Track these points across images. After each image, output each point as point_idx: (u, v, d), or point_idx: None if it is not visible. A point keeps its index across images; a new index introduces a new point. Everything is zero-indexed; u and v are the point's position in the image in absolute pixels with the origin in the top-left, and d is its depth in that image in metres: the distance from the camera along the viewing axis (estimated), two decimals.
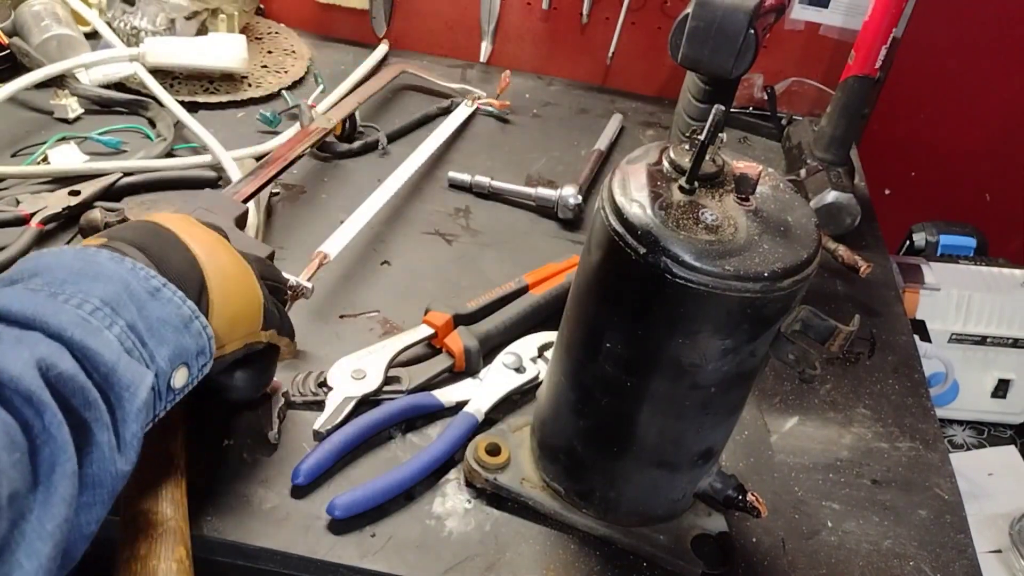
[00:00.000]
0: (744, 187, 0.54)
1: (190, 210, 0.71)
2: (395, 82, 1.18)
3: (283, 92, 1.12)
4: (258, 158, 1.01)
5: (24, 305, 0.44)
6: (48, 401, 0.41)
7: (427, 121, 1.14)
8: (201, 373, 0.53)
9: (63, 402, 0.42)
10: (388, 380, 0.72)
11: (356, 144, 1.05)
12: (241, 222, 0.77)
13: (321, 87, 1.14)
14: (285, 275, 0.73)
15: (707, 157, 0.53)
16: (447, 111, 1.16)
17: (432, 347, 0.77)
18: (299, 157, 0.91)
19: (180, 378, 0.51)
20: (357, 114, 1.06)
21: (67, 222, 0.86)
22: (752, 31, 0.76)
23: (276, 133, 1.05)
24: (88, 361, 0.44)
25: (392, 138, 1.08)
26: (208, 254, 0.56)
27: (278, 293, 0.65)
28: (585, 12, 1.25)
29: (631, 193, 0.53)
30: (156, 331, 0.49)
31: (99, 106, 1.05)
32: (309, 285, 0.74)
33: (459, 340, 0.75)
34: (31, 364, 0.41)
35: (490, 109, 1.18)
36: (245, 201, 0.80)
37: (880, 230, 1.07)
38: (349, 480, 0.66)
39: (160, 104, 1.03)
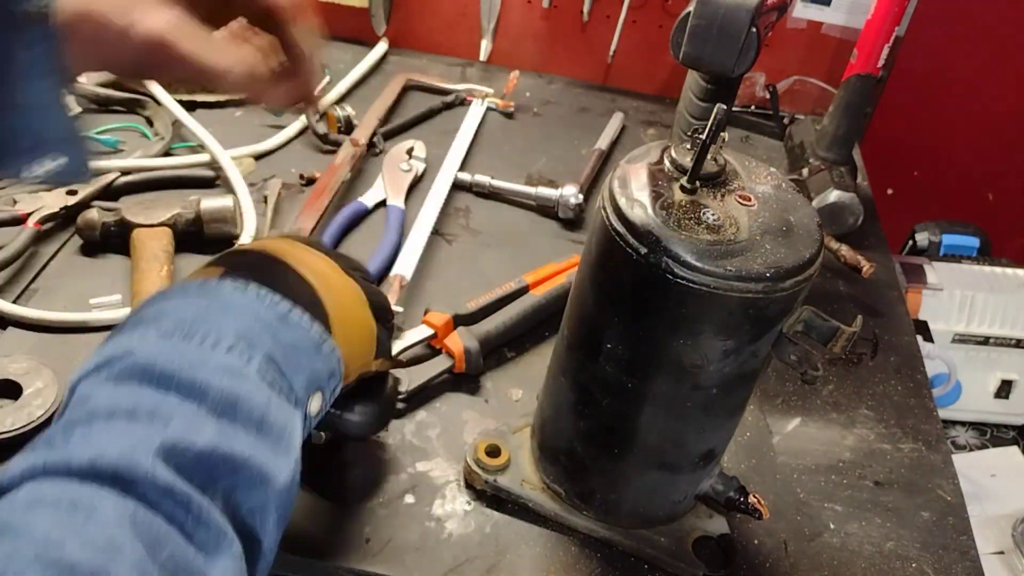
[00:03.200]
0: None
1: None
2: (396, 80, 1.18)
3: None
4: (257, 157, 1.00)
5: (161, 357, 0.43)
6: (184, 490, 0.39)
7: (429, 116, 1.13)
8: (332, 397, 0.51)
9: (206, 479, 0.40)
10: None
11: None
12: None
13: (327, 77, 1.13)
14: None
15: (709, 156, 0.53)
16: (450, 106, 1.15)
17: (432, 348, 0.77)
18: (342, 184, 0.95)
19: (315, 404, 0.49)
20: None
21: (64, 222, 0.85)
22: (754, 29, 0.75)
23: (280, 127, 1.04)
24: (239, 411, 0.43)
25: (388, 135, 1.07)
26: (320, 278, 0.53)
27: (384, 319, 0.60)
28: (586, 10, 1.25)
29: (632, 193, 0.53)
30: (291, 359, 0.47)
31: (96, 105, 1.04)
32: (400, 309, 0.75)
33: (459, 341, 0.75)
34: (161, 452, 0.39)
35: (492, 106, 1.17)
36: (310, 235, 0.84)
37: (883, 230, 1.07)
38: None
39: (158, 103, 1.03)
